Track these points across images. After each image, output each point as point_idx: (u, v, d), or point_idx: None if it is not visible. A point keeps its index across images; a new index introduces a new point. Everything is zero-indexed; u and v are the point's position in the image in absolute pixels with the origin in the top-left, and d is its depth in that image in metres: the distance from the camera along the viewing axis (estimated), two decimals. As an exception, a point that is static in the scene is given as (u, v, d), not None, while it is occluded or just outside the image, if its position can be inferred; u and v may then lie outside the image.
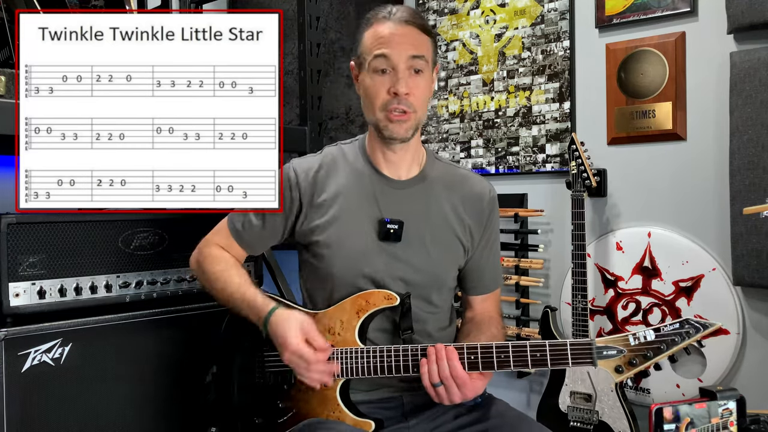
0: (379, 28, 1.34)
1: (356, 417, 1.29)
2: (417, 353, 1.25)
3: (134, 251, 1.65)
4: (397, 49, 1.32)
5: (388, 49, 1.32)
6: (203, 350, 1.64)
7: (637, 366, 1.15)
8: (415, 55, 1.33)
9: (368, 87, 1.35)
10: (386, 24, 1.34)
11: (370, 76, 1.35)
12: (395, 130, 1.34)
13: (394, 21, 1.34)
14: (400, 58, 1.32)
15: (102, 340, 1.57)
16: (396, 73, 1.32)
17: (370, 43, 1.35)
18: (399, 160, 1.41)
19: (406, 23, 1.34)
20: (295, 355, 1.25)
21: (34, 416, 1.46)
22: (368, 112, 1.38)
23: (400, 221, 1.36)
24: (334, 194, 1.40)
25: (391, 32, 1.33)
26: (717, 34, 2.02)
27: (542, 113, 2.41)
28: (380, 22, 1.35)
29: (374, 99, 1.34)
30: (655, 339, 1.15)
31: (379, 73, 1.33)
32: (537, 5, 2.41)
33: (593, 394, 2.06)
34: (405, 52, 1.32)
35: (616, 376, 1.17)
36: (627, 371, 1.16)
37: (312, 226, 1.39)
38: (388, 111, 1.33)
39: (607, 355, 1.16)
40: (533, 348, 1.19)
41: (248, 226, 1.44)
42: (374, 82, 1.34)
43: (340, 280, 1.36)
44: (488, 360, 1.21)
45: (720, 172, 2.03)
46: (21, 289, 1.46)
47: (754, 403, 1.91)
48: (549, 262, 2.41)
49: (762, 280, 1.90)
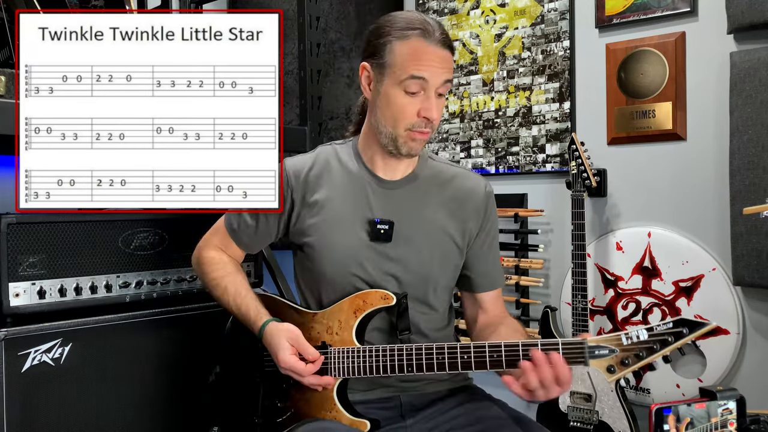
0: (420, 47, 1.28)
1: (352, 417, 1.29)
2: (412, 353, 1.25)
3: (134, 251, 1.65)
4: (436, 75, 1.29)
5: (428, 73, 1.28)
6: (204, 350, 1.64)
7: (629, 366, 1.13)
8: (447, 80, 1.31)
9: (395, 104, 1.31)
10: (428, 45, 1.28)
11: (400, 93, 1.30)
12: (414, 147, 1.34)
13: (435, 43, 1.29)
14: (436, 84, 1.30)
15: (102, 340, 1.57)
16: (428, 98, 1.30)
17: (407, 59, 1.29)
18: (397, 164, 1.41)
19: (446, 47, 1.31)
20: (287, 370, 1.30)
21: (34, 416, 1.47)
22: (387, 125, 1.34)
23: (390, 221, 1.36)
24: (325, 194, 1.40)
25: (432, 56, 1.29)
26: (717, 34, 2.02)
27: (542, 113, 2.41)
28: (420, 40, 1.28)
29: (401, 117, 1.31)
30: (648, 338, 1.13)
31: (411, 94, 1.30)
32: (537, 5, 2.41)
33: (593, 394, 2.06)
34: (441, 77, 1.30)
35: (608, 376, 1.14)
36: (619, 371, 1.14)
37: (304, 226, 1.40)
38: (413, 131, 1.32)
39: (599, 355, 1.14)
40: (525, 347, 1.18)
41: (244, 226, 1.45)
42: (405, 101, 1.30)
43: (332, 281, 1.36)
44: (481, 359, 1.21)
45: (720, 172, 2.03)
46: (21, 289, 1.46)
47: (754, 403, 1.91)
48: (549, 262, 2.41)
49: (762, 280, 1.90)
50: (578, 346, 1.15)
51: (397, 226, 1.36)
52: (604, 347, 1.14)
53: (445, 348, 1.23)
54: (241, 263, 1.52)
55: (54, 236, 1.52)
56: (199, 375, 1.63)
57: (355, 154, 1.44)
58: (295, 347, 1.30)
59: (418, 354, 1.24)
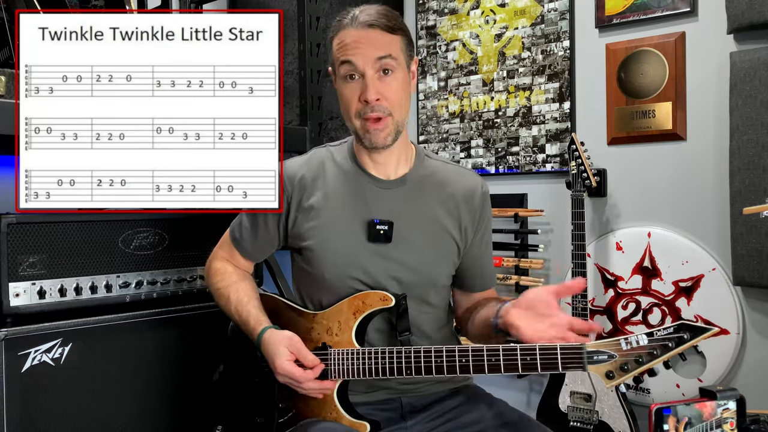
0: (343, 35, 1.32)
1: (353, 419, 1.29)
2: (411, 355, 1.24)
3: (134, 251, 1.65)
4: (360, 54, 1.29)
5: (353, 55, 1.30)
6: (204, 350, 1.64)
7: (629, 371, 1.10)
8: (381, 56, 1.30)
9: (341, 95, 1.34)
10: (348, 30, 1.31)
11: (343, 84, 1.33)
12: (374, 139, 1.32)
13: (356, 26, 1.31)
14: (365, 63, 1.29)
15: (102, 340, 1.57)
16: (364, 79, 1.30)
17: (335, 50, 1.34)
18: (385, 161, 1.40)
19: (369, 26, 1.31)
20: (285, 377, 1.28)
21: (34, 416, 1.46)
22: (346, 120, 1.37)
23: (389, 221, 1.35)
24: (322, 197, 1.39)
25: (353, 39, 1.30)
26: (717, 34, 2.02)
27: (542, 113, 2.41)
28: (344, 29, 1.32)
29: (348, 107, 1.33)
30: (648, 344, 1.10)
31: (348, 80, 1.31)
32: (537, 5, 2.41)
33: (593, 394, 2.06)
34: (369, 56, 1.29)
35: (606, 382, 1.11)
36: (618, 377, 1.10)
37: (302, 230, 1.39)
38: (364, 119, 1.31)
39: (597, 360, 1.11)
40: (523, 352, 1.16)
41: (246, 235, 1.46)
42: (345, 89, 1.33)
43: (332, 284, 1.36)
44: (479, 363, 1.20)
45: (720, 172, 2.03)
46: (21, 289, 1.46)
47: (754, 403, 1.91)
48: (549, 262, 2.41)
49: (762, 280, 1.90)
50: (576, 350, 1.13)
51: (396, 226, 1.35)
52: (603, 352, 1.11)
53: (443, 351, 1.22)
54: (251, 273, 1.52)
55: (54, 236, 1.52)
56: (200, 375, 1.63)
57: (351, 155, 1.43)
58: (294, 354, 1.28)
59: (417, 356, 1.24)
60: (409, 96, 1.39)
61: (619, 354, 1.11)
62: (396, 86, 1.32)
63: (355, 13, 1.33)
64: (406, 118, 1.38)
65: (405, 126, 1.38)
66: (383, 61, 1.30)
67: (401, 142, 1.40)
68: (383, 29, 1.31)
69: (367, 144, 1.34)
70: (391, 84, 1.31)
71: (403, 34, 1.35)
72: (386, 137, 1.33)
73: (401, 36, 1.34)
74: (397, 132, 1.34)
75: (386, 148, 1.35)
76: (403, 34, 1.35)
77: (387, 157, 1.39)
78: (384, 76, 1.31)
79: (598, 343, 1.13)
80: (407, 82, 1.36)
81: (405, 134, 1.41)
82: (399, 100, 1.33)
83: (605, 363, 1.11)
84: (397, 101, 1.32)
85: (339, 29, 1.33)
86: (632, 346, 1.11)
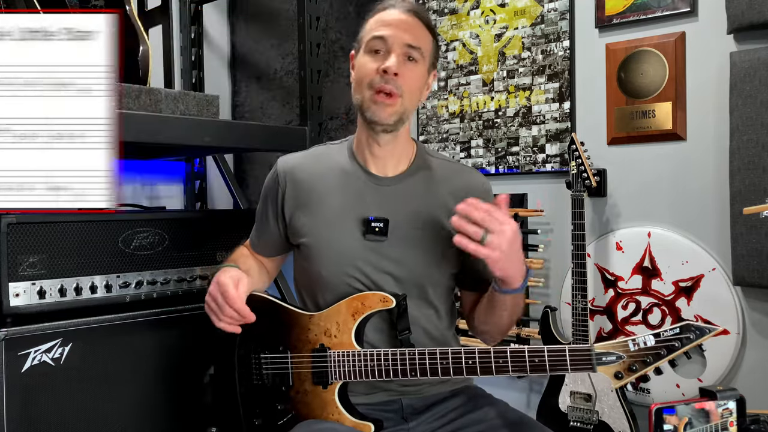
0: (383, 13, 1.36)
1: (355, 419, 1.29)
2: (415, 357, 1.24)
3: (134, 251, 1.65)
4: (395, 32, 1.32)
5: (387, 31, 1.32)
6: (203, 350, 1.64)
7: (637, 371, 1.13)
8: (411, 45, 1.32)
9: (359, 66, 1.36)
10: (390, 10, 1.36)
11: (364, 56, 1.35)
12: (378, 113, 1.32)
13: (398, 8, 1.35)
14: (396, 42, 1.31)
15: (102, 340, 1.57)
16: (389, 54, 1.32)
17: (370, 26, 1.36)
18: (386, 155, 1.39)
19: (410, 12, 1.35)
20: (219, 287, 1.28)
21: (34, 416, 1.46)
22: (356, 92, 1.37)
23: (385, 219, 1.35)
24: (319, 193, 1.39)
25: (392, 17, 1.34)
26: (717, 34, 2.02)
27: (542, 113, 2.41)
28: (386, 9, 1.37)
29: (362, 77, 1.34)
30: (655, 344, 1.13)
31: (373, 54, 1.33)
32: (537, 5, 2.41)
33: (593, 394, 2.06)
34: (402, 38, 1.32)
35: (615, 382, 1.14)
36: (627, 377, 1.14)
37: (299, 225, 1.40)
38: (374, 90, 1.31)
39: (606, 361, 1.14)
40: (532, 354, 1.17)
41: (254, 229, 1.53)
42: (366, 60, 1.34)
43: (328, 281, 1.36)
44: (486, 365, 1.20)
45: (720, 172, 2.02)
46: (21, 289, 1.46)
47: (754, 403, 1.91)
48: (549, 262, 2.41)
49: (762, 280, 1.90)
50: (585, 353, 1.15)
51: (392, 224, 1.35)
52: (612, 354, 1.14)
53: (449, 353, 1.22)
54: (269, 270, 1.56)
55: (54, 236, 1.52)
56: (199, 375, 1.63)
57: (350, 153, 1.43)
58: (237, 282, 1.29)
59: (421, 358, 1.24)
60: (421, 94, 1.40)
61: (627, 355, 1.14)
62: (415, 75, 1.34)
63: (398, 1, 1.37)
64: (413, 110, 1.39)
65: (409, 120, 1.38)
66: (412, 49, 1.32)
67: (402, 138, 1.40)
68: (422, 21, 1.36)
69: (368, 116, 1.33)
70: (413, 70, 1.33)
71: (435, 39, 1.39)
72: (391, 115, 1.32)
73: (433, 39, 1.38)
74: (401, 119, 1.34)
75: (386, 131, 1.35)
76: (434, 39, 1.39)
77: (388, 150, 1.39)
78: (407, 62, 1.32)
79: (606, 344, 1.15)
80: (424, 80, 1.39)
81: (407, 130, 1.42)
82: (413, 89, 1.34)
83: (614, 364, 1.14)
84: (411, 88, 1.33)
85: (381, 9, 1.37)
86: (640, 347, 1.14)
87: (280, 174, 1.43)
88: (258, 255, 1.54)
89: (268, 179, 1.47)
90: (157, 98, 1.72)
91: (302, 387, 1.33)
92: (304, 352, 1.33)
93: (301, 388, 1.33)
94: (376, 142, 1.38)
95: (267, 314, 1.38)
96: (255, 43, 2.63)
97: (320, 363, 1.31)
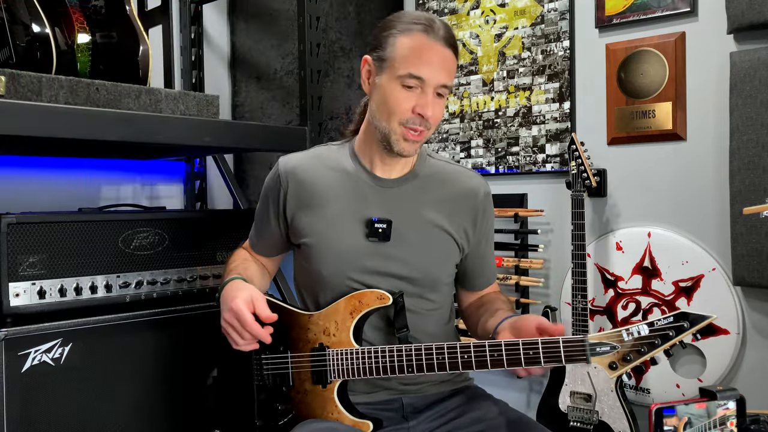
0: (421, 43, 1.27)
1: (355, 418, 1.29)
2: (411, 353, 1.24)
3: (134, 251, 1.65)
4: (435, 74, 1.27)
5: (427, 72, 1.27)
6: (204, 350, 1.64)
7: (631, 362, 1.13)
8: (445, 84, 1.30)
9: (391, 97, 1.29)
10: (429, 41, 1.27)
11: (397, 87, 1.29)
12: (406, 148, 1.32)
13: (438, 40, 1.28)
14: (433, 82, 1.28)
15: (102, 340, 1.57)
16: (425, 95, 1.28)
17: (407, 53, 1.27)
18: (394, 163, 1.41)
19: (449, 46, 1.29)
20: (234, 314, 1.27)
21: (34, 416, 1.46)
22: (382, 120, 1.32)
23: (388, 220, 1.35)
24: (321, 194, 1.40)
25: (433, 54, 1.28)
26: (717, 34, 2.02)
27: (542, 113, 2.41)
28: (422, 35, 1.28)
29: (395, 111, 1.29)
30: (649, 334, 1.13)
31: (405, 88, 1.28)
32: (537, 5, 2.41)
33: (593, 394, 2.06)
34: (440, 79, 1.28)
35: (610, 373, 1.15)
36: (621, 367, 1.14)
37: (300, 225, 1.40)
38: (407, 128, 1.30)
39: (600, 352, 1.14)
40: (526, 346, 1.18)
41: (253, 234, 1.53)
42: (401, 95, 1.29)
43: (329, 281, 1.36)
44: (481, 359, 1.21)
45: (720, 172, 2.03)
46: (21, 289, 1.46)
47: (754, 403, 1.91)
48: (549, 262, 2.41)
49: (762, 280, 1.90)
50: (579, 343, 1.15)
51: (395, 225, 1.36)
52: (606, 344, 1.14)
53: (445, 348, 1.23)
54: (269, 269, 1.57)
55: (54, 236, 1.52)
56: (200, 375, 1.63)
57: (352, 154, 1.43)
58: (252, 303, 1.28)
59: (418, 354, 1.24)
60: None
61: (622, 345, 1.14)
62: (441, 109, 1.34)
63: (436, 23, 1.29)
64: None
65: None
66: (445, 88, 1.31)
67: None
68: (455, 53, 1.32)
69: (396, 150, 1.33)
70: (441, 107, 1.33)
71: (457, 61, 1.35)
72: (416, 150, 1.35)
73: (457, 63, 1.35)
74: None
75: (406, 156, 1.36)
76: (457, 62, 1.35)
77: (397, 159, 1.39)
78: (438, 98, 1.31)
79: (600, 335, 1.15)
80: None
81: None
82: (438, 121, 1.35)
83: (608, 354, 1.14)
84: (437, 121, 1.34)
85: (414, 32, 1.29)
86: (634, 337, 1.14)
87: (281, 174, 1.43)
88: (257, 255, 1.54)
89: (269, 179, 1.47)
90: (157, 98, 1.72)
91: (302, 387, 1.33)
92: (303, 352, 1.33)
93: (302, 387, 1.33)
94: (387, 156, 1.38)
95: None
96: (255, 43, 2.63)
97: (319, 362, 1.31)
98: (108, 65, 1.74)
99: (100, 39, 1.73)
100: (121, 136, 1.54)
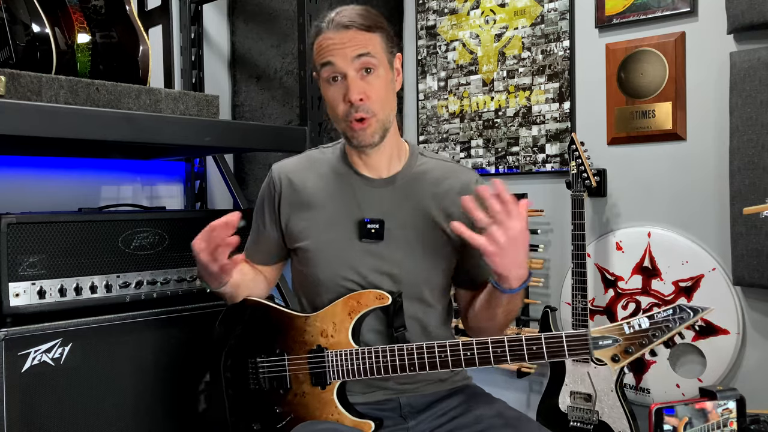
0: (321, 39, 1.34)
1: (355, 418, 1.29)
2: (413, 352, 1.24)
3: (134, 251, 1.65)
4: (339, 54, 1.30)
5: (332, 56, 1.31)
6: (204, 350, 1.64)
7: (633, 354, 1.17)
8: (359, 54, 1.30)
9: (326, 98, 1.36)
10: (326, 34, 1.33)
11: (325, 88, 1.35)
12: (360, 138, 1.33)
13: (333, 29, 1.32)
14: (345, 63, 1.30)
15: (102, 340, 1.57)
16: (346, 80, 1.31)
17: (316, 55, 1.36)
18: (376, 161, 1.41)
19: (346, 28, 1.31)
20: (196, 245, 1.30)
21: (34, 416, 1.46)
22: (335, 123, 1.38)
23: (380, 220, 1.36)
24: (314, 197, 1.41)
25: (331, 41, 1.32)
26: (717, 34, 2.02)
27: (542, 113, 2.41)
28: (322, 33, 1.34)
29: (335, 109, 1.34)
30: (649, 326, 1.17)
31: (331, 82, 1.33)
32: (537, 5, 2.41)
33: (593, 394, 2.06)
34: (348, 55, 1.30)
35: (612, 365, 1.18)
36: (623, 359, 1.17)
37: (295, 230, 1.41)
38: (348, 121, 1.32)
39: (603, 345, 1.17)
40: (529, 342, 1.19)
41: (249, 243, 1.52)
42: (329, 92, 1.34)
43: (326, 284, 1.36)
44: (485, 356, 1.21)
45: (720, 172, 2.02)
46: (21, 289, 1.46)
47: (754, 403, 1.91)
48: (549, 262, 2.41)
49: (762, 280, 1.90)
50: (582, 337, 1.17)
51: (388, 225, 1.36)
52: (608, 337, 1.17)
53: (447, 345, 1.23)
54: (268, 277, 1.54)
55: (54, 236, 1.52)
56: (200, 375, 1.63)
57: (342, 156, 1.45)
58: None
59: (420, 352, 1.24)
60: (394, 93, 1.39)
61: (623, 338, 1.17)
62: (378, 84, 1.33)
63: (332, 15, 1.34)
64: (392, 115, 1.38)
65: (393, 123, 1.39)
66: (362, 59, 1.31)
67: (391, 140, 1.40)
68: (359, 28, 1.32)
69: (355, 144, 1.35)
70: (374, 83, 1.32)
71: (382, 31, 1.35)
72: (372, 135, 1.33)
73: (380, 33, 1.34)
74: (384, 130, 1.35)
75: (374, 146, 1.36)
76: (382, 32, 1.35)
77: (377, 156, 1.40)
78: (366, 75, 1.32)
79: (602, 328, 1.18)
80: (390, 79, 1.37)
81: (395, 132, 1.42)
82: (382, 99, 1.33)
83: (610, 347, 1.17)
84: (380, 100, 1.33)
85: (317, 34, 1.35)
86: (635, 330, 1.17)
87: (275, 179, 1.45)
88: (255, 265, 1.53)
89: (264, 186, 1.50)
90: (157, 98, 1.72)
91: (300, 389, 1.32)
92: (300, 354, 1.33)
93: (299, 390, 1.32)
94: (364, 153, 1.40)
95: (262, 318, 1.38)
96: (255, 43, 2.63)
97: (318, 364, 1.31)
98: (108, 65, 1.74)
99: (100, 39, 1.73)
100: (121, 136, 1.54)
